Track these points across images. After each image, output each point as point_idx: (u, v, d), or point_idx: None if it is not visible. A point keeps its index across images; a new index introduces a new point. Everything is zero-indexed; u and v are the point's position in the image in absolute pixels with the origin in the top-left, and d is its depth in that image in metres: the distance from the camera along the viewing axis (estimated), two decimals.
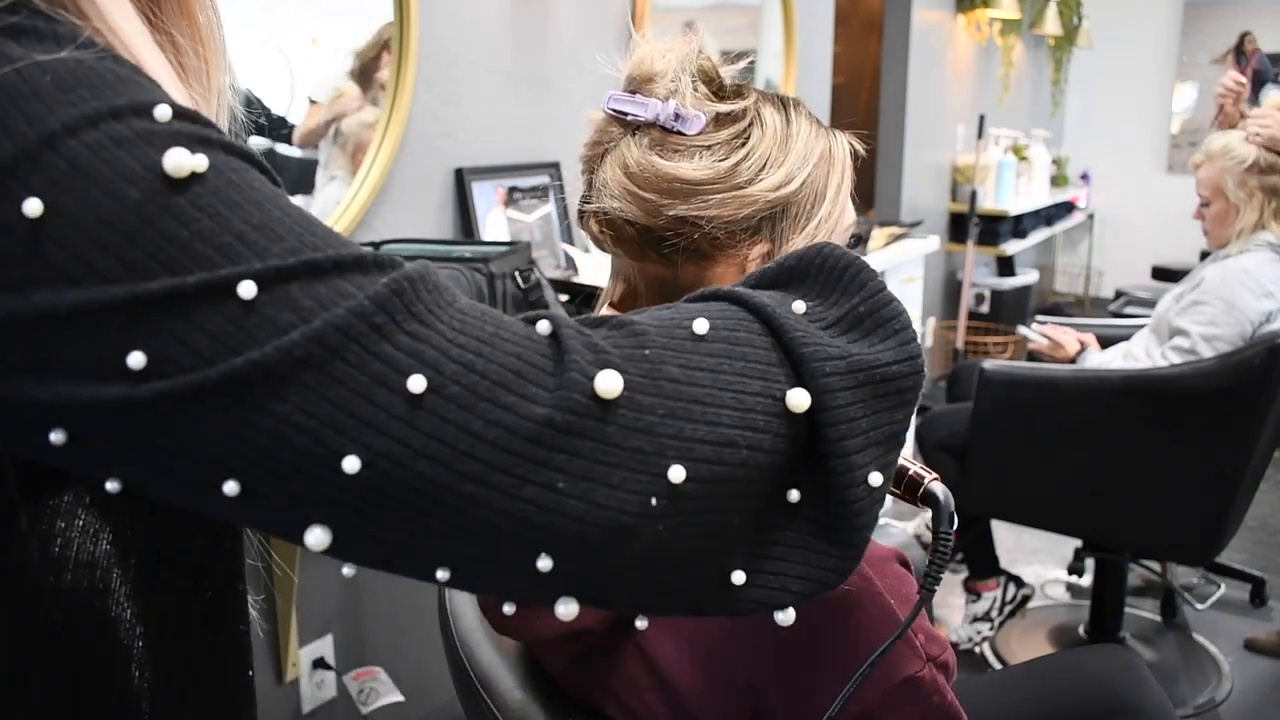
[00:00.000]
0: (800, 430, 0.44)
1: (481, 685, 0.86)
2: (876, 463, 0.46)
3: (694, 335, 0.43)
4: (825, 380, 0.44)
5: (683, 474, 0.39)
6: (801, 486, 0.45)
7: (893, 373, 0.47)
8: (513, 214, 2.13)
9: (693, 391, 0.40)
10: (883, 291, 0.49)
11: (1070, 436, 2.11)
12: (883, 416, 0.47)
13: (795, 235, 0.74)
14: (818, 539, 0.45)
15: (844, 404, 0.45)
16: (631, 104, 0.73)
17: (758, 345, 0.44)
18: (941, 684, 0.65)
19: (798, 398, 0.43)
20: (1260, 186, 2.12)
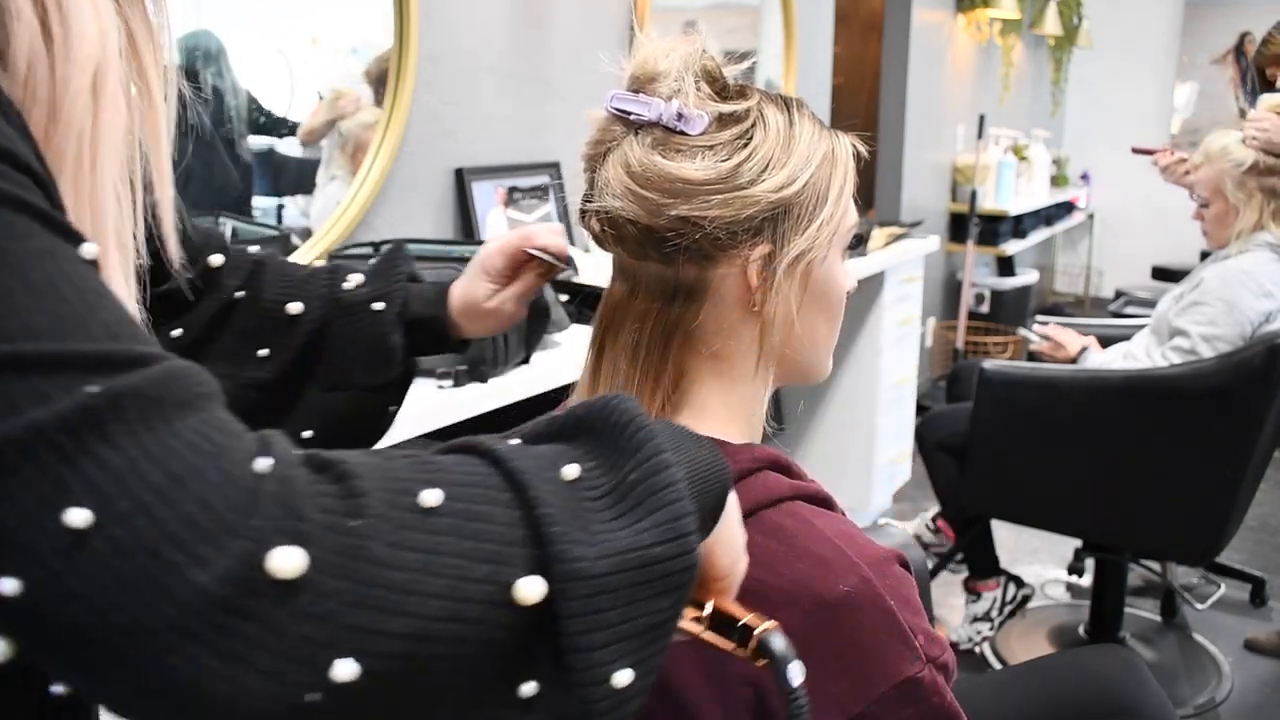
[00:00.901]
0: (533, 620, 0.39)
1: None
2: (626, 659, 0.41)
3: (420, 508, 0.38)
4: (570, 566, 0.40)
5: (354, 670, 0.34)
6: (540, 679, 0.40)
7: (654, 556, 0.43)
8: (513, 214, 2.13)
9: (394, 577, 0.36)
10: (658, 456, 0.45)
11: (1070, 436, 2.11)
12: (640, 607, 0.42)
13: (797, 236, 0.74)
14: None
15: (587, 594, 0.40)
16: (634, 103, 0.73)
17: (498, 521, 0.40)
18: (941, 685, 0.65)
19: (530, 588, 0.39)
20: (1260, 188, 2.12)
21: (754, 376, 0.78)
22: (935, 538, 2.80)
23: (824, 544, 0.67)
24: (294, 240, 1.77)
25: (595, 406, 0.48)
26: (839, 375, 3.06)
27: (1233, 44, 5.61)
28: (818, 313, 0.79)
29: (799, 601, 0.65)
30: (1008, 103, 5.06)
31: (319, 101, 1.82)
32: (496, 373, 1.52)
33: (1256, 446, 1.98)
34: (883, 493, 3.19)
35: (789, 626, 0.65)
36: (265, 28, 1.73)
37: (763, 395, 0.80)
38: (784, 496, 0.71)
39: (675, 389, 0.77)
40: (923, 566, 1.22)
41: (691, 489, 0.47)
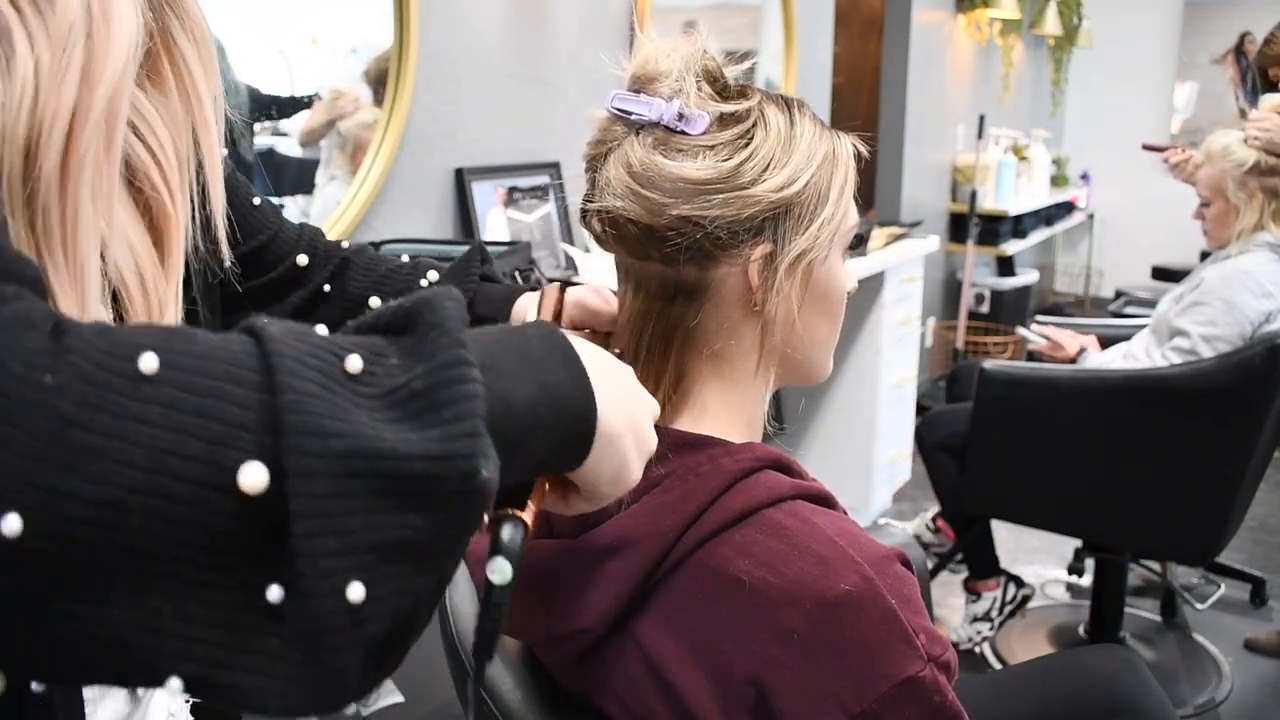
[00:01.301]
0: (268, 516, 0.37)
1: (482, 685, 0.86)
2: (362, 573, 0.38)
3: (134, 374, 0.36)
4: (303, 460, 0.37)
5: (17, 525, 0.33)
6: (284, 582, 0.37)
7: (413, 470, 0.39)
8: (513, 214, 2.13)
9: (81, 438, 0.34)
10: (457, 368, 0.41)
11: (1070, 436, 2.11)
12: (384, 518, 0.38)
13: (798, 236, 0.74)
14: (298, 652, 0.38)
15: (319, 493, 0.37)
16: (635, 103, 0.73)
17: (231, 399, 0.37)
18: (943, 684, 0.65)
19: (252, 474, 0.36)
20: (1261, 188, 2.12)
21: (755, 376, 0.78)
22: (935, 538, 2.80)
23: (825, 543, 0.67)
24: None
25: (422, 298, 0.44)
26: (839, 375, 3.06)
27: (1233, 44, 5.61)
28: (818, 312, 0.79)
29: (800, 600, 0.65)
30: (1008, 103, 5.07)
31: (317, 102, 1.82)
32: None
33: (1256, 446, 1.98)
34: (883, 493, 3.19)
35: (790, 625, 0.65)
36: (265, 28, 1.73)
37: (763, 395, 0.81)
38: (785, 495, 0.71)
39: (676, 389, 0.77)
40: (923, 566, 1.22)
41: (526, 406, 0.45)
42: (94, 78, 0.47)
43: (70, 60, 0.46)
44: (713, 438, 0.74)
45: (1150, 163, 5.88)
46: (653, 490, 0.72)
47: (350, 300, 0.92)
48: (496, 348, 0.46)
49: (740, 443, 0.74)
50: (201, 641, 0.37)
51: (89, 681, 0.38)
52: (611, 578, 0.71)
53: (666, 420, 0.76)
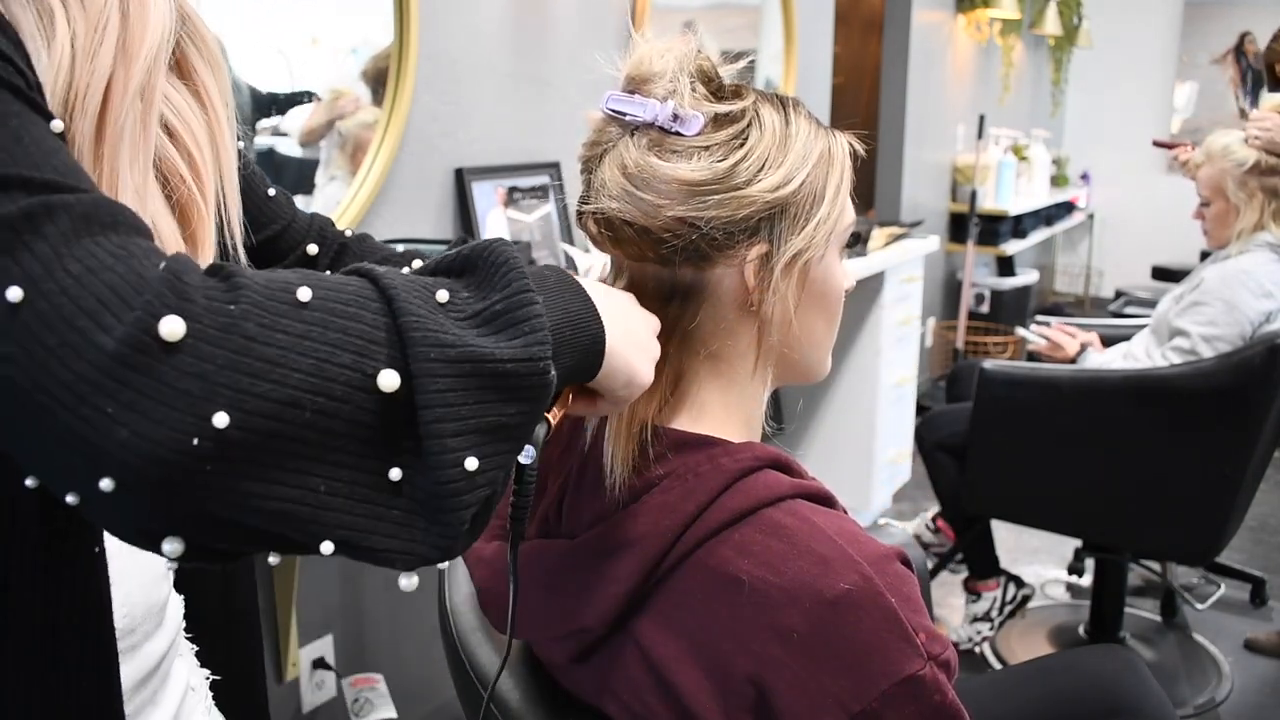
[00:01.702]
0: (398, 411, 0.46)
1: (481, 685, 0.86)
2: (475, 449, 0.48)
3: (294, 301, 0.45)
4: (428, 365, 0.46)
5: (226, 420, 0.41)
6: (404, 466, 0.47)
7: (507, 369, 0.49)
8: (513, 214, 2.13)
9: (264, 351, 0.42)
10: (525, 294, 0.52)
11: (1070, 436, 2.11)
12: (489, 407, 0.49)
13: (794, 236, 0.74)
14: (421, 518, 0.47)
15: (442, 389, 0.47)
16: (630, 104, 0.73)
17: (365, 322, 0.46)
18: (943, 682, 0.65)
19: (388, 378, 0.45)
20: (1261, 187, 2.12)
21: (752, 376, 0.78)
22: (935, 538, 2.80)
23: (825, 542, 0.67)
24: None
25: (479, 247, 0.55)
26: (839, 375, 3.06)
27: (1233, 44, 5.61)
28: (816, 312, 0.79)
29: (800, 599, 0.65)
30: (1008, 103, 5.06)
31: (317, 102, 1.82)
32: None
33: (1256, 446, 1.98)
34: (883, 493, 3.19)
35: (790, 624, 0.65)
36: (265, 28, 1.73)
37: (762, 395, 0.80)
38: (785, 495, 0.71)
39: (674, 389, 0.77)
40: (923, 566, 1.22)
41: (556, 328, 0.56)
42: (130, 51, 0.55)
43: (105, 35, 0.54)
44: (712, 437, 0.74)
45: (1150, 163, 5.91)
46: (652, 490, 0.72)
47: None
48: (542, 281, 0.58)
49: (739, 442, 0.74)
50: (349, 513, 0.45)
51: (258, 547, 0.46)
52: (611, 578, 0.71)
53: (665, 420, 0.76)
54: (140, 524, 0.43)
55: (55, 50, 0.53)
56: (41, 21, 0.53)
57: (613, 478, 0.73)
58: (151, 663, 0.69)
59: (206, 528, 0.43)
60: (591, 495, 0.76)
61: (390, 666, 1.97)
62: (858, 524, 0.73)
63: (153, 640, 0.70)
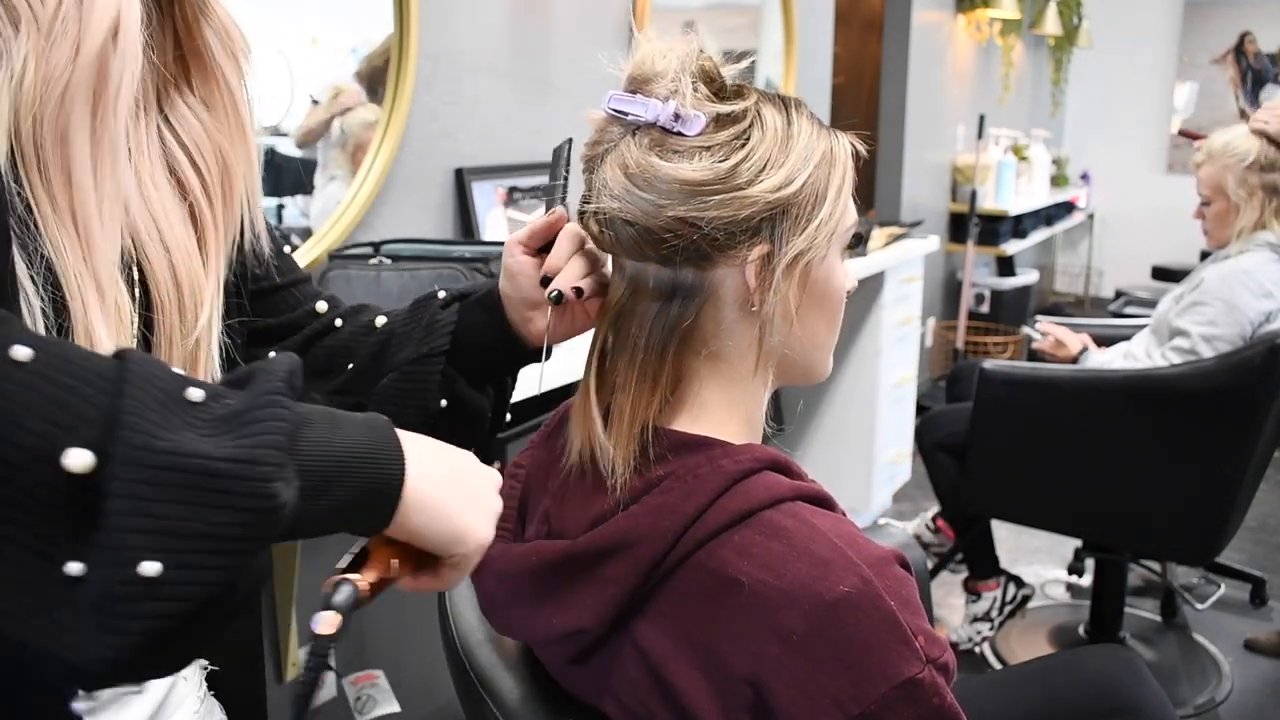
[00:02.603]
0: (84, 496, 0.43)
1: (482, 686, 0.86)
2: (162, 555, 0.43)
3: (11, 359, 0.42)
4: (129, 452, 0.43)
5: None
6: (87, 561, 0.43)
7: (220, 469, 0.45)
8: (513, 214, 2.13)
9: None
10: (266, 397, 0.49)
11: (1070, 436, 2.11)
12: (191, 510, 0.44)
13: (795, 236, 0.73)
14: (89, 623, 0.43)
15: (134, 478, 0.43)
16: (631, 104, 0.73)
17: (82, 396, 0.44)
18: (941, 685, 0.65)
19: (78, 457, 0.42)
20: (1261, 184, 2.12)
21: (753, 376, 0.78)
22: (935, 538, 2.80)
23: (824, 544, 0.67)
24: (294, 240, 1.77)
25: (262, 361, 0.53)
26: (839, 375, 3.06)
27: (1233, 44, 5.61)
28: (817, 312, 0.79)
29: (798, 602, 0.65)
30: (1008, 103, 5.06)
31: (311, 106, 1.81)
32: None
33: (1256, 446, 1.98)
34: (883, 493, 3.19)
35: (789, 626, 0.65)
36: (265, 27, 1.73)
37: (762, 395, 0.80)
38: (784, 497, 0.71)
39: (675, 389, 0.77)
40: (923, 566, 1.22)
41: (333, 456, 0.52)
42: (81, 50, 0.55)
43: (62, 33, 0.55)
44: (712, 439, 0.74)
45: (1150, 163, 5.91)
46: (652, 491, 0.72)
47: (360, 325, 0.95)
48: (320, 413, 0.54)
49: (740, 443, 0.74)
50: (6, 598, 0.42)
51: None
52: (611, 578, 0.71)
53: (665, 420, 0.76)
54: None
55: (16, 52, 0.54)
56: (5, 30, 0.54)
57: (613, 478, 0.73)
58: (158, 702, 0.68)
59: None
60: (591, 496, 0.76)
61: (390, 666, 1.97)
62: (856, 526, 0.73)
63: None
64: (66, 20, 0.55)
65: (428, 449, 0.59)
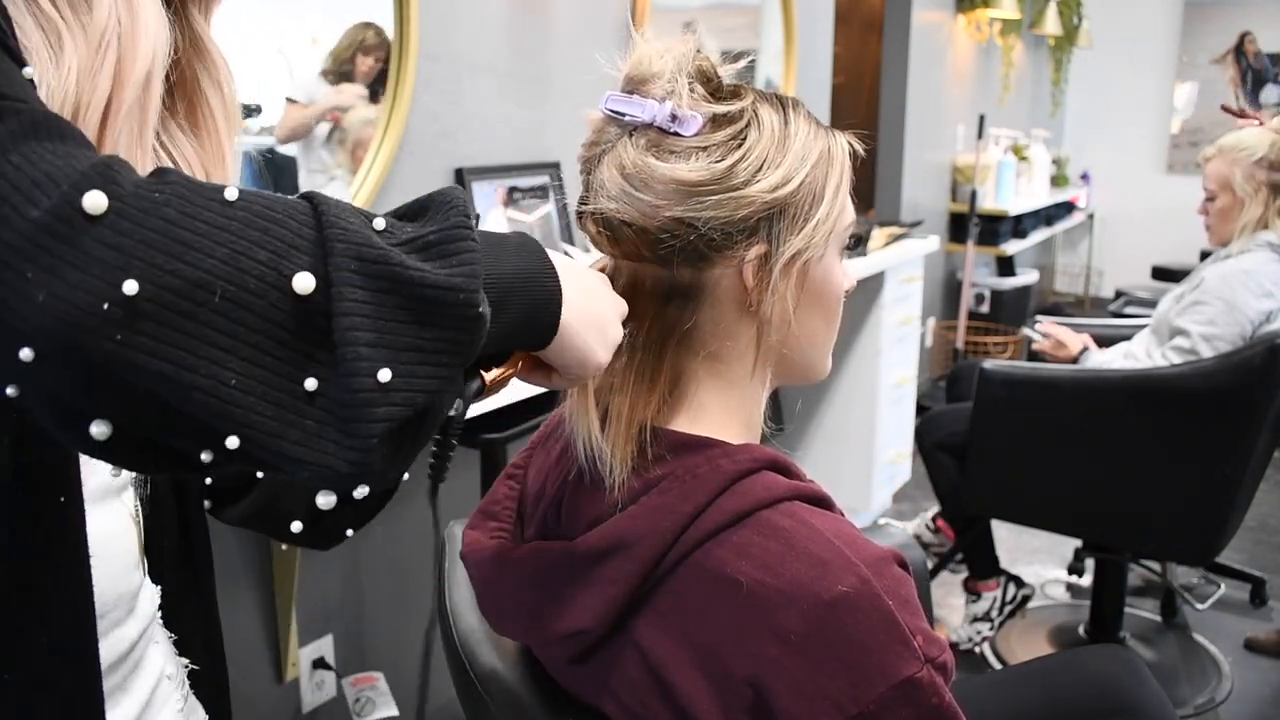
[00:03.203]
0: (316, 320, 0.47)
1: (481, 686, 0.86)
2: (390, 364, 0.48)
3: (221, 199, 0.46)
4: (347, 274, 0.47)
5: (135, 288, 0.42)
6: (320, 377, 0.47)
7: (430, 293, 0.49)
8: (513, 214, 2.13)
9: (181, 234, 0.44)
10: (460, 228, 0.52)
11: (1070, 436, 2.11)
12: (407, 327, 0.49)
13: (793, 236, 0.73)
14: (332, 428, 0.47)
15: (360, 299, 0.47)
16: (628, 105, 0.73)
17: (289, 229, 0.47)
18: (940, 685, 0.65)
19: (303, 280, 0.46)
20: (1267, 181, 2.12)
21: (751, 376, 0.78)
22: (935, 538, 2.80)
23: (822, 544, 0.67)
24: None
25: (435, 193, 0.55)
26: (839, 375, 3.06)
27: (1233, 44, 5.61)
28: (815, 312, 0.79)
29: (797, 601, 0.65)
30: (1008, 103, 5.06)
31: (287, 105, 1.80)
32: None
33: (1256, 446, 1.98)
34: (883, 493, 3.19)
35: (788, 626, 0.65)
36: (265, 28, 1.73)
37: (761, 395, 0.80)
38: (782, 497, 0.71)
39: (673, 390, 0.77)
40: (923, 566, 1.22)
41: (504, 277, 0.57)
42: (123, 75, 0.58)
43: (105, 58, 0.57)
44: (710, 439, 0.74)
45: (1150, 163, 5.91)
46: (650, 492, 0.72)
47: None
48: (488, 236, 0.59)
49: (738, 444, 0.74)
50: (259, 413, 0.46)
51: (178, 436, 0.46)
52: (610, 579, 0.71)
53: (664, 421, 0.76)
54: (64, 401, 0.44)
55: (63, 69, 0.56)
56: (48, 40, 0.56)
57: (611, 478, 0.73)
58: (122, 649, 0.69)
59: (124, 406, 0.44)
60: (590, 496, 0.76)
61: (390, 666, 1.97)
62: (854, 526, 0.73)
63: (123, 627, 0.70)
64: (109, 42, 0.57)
65: (576, 276, 0.63)
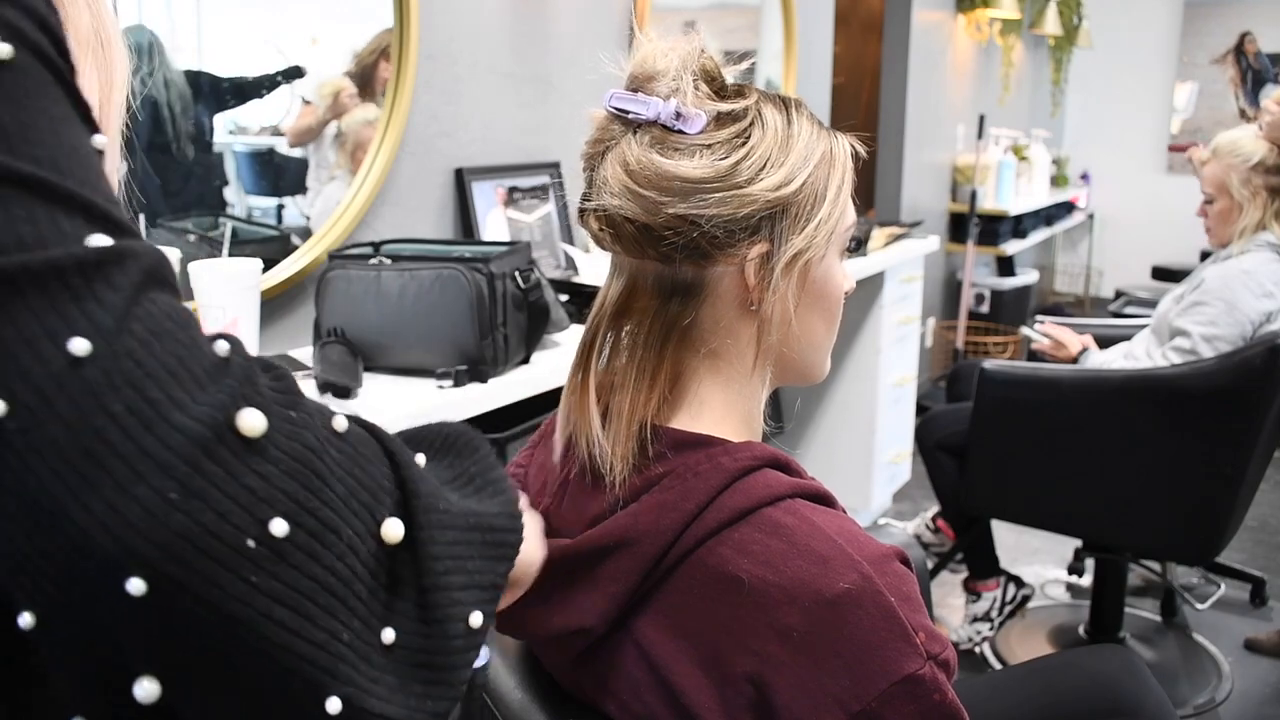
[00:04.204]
0: (396, 567, 0.44)
1: (482, 685, 0.86)
2: (480, 606, 0.47)
3: (334, 429, 0.44)
4: (435, 516, 0.46)
5: (284, 528, 0.38)
6: (399, 628, 0.44)
7: (499, 525, 0.50)
8: (513, 214, 2.13)
9: (319, 465, 0.41)
10: (491, 456, 0.54)
11: (1070, 436, 2.11)
12: (488, 564, 0.49)
13: (794, 235, 0.74)
14: (417, 682, 0.44)
15: (450, 542, 0.46)
16: (633, 102, 0.73)
17: (378, 467, 0.45)
18: (942, 682, 0.65)
19: (393, 527, 0.44)
20: (1265, 185, 2.12)
21: (752, 375, 0.78)
22: (935, 538, 2.80)
23: (824, 541, 0.67)
24: (294, 240, 1.77)
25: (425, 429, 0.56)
26: (839, 375, 3.06)
27: (1233, 44, 5.61)
28: (815, 312, 0.79)
29: (799, 598, 0.65)
30: (1008, 103, 5.06)
31: (302, 105, 1.81)
32: (496, 373, 1.52)
33: (1256, 447, 1.98)
34: (883, 493, 3.19)
35: (789, 623, 0.65)
36: (265, 28, 1.73)
37: (761, 394, 0.80)
38: (784, 494, 0.71)
39: (673, 388, 0.77)
40: (923, 566, 1.22)
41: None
42: (115, 79, 0.54)
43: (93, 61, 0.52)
44: (711, 436, 0.74)
45: (1150, 163, 5.91)
46: (651, 489, 0.72)
47: None
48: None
49: (739, 441, 0.74)
50: (357, 670, 0.42)
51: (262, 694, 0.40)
52: (611, 577, 0.71)
53: (664, 419, 0.76)
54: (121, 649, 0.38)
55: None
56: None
57: (612, 476, 0.73)
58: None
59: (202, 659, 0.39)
60: (591, 494, 0.76)
61: None
62: (857, 523, 0.73)
63: None
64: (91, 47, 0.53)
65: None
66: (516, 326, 1.54)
